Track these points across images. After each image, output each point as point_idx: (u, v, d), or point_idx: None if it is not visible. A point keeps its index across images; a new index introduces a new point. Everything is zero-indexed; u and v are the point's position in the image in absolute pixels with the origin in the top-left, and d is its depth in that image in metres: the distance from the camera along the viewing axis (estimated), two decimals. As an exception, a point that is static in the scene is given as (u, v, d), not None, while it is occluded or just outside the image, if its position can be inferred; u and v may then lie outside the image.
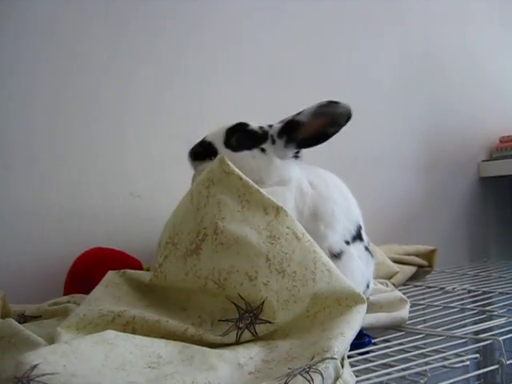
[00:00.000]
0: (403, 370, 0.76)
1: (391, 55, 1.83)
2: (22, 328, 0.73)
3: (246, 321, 0.73)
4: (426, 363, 0.79)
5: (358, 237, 0.98)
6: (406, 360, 0.80)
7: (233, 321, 0.74)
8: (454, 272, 1.59)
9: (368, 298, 0.97)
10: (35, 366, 0.54)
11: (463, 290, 1.30)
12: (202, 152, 0.97)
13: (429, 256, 1.50)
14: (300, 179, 0.95)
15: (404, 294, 1.12)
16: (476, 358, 0.83)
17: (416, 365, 0.78)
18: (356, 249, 0.96)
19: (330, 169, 1.03)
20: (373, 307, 0.98)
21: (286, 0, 1.57)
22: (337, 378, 0.60)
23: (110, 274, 0.85)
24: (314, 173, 0.98)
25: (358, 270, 0.95)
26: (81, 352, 0.61)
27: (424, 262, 1.48)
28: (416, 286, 1.37)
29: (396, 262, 1.40)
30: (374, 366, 0.77)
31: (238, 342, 0.72)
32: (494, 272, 1.58)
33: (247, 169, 0.87)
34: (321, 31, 1.65)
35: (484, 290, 1.29)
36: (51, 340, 0.69)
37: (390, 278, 1.31)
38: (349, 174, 1.02)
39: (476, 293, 1.27)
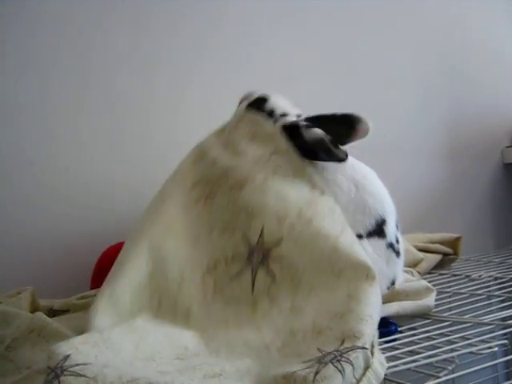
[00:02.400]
0: (430, 357, 0.75)
1: (410, 41, 1.81)
2: (51, 321, 0.75)
3: (257, 258, 0.77)
4: (453, 350, 0.78)
5: (376, 233, 0.94)
6: (433, 347, 0.79)
7: (245, 259, 0.78)
8: (480, 260, 1.57)
9: (394, 287, 0.97)
10: (68, 357, 0.55)
11: (489, 277, 1.29)
12: None
13: (454, 244, 1.48)
14: None
15: (429, 282, 1.11)
16: (504, 345, 0.82)
17: (443, 352, 0.77)
18: (372, 245, 0.93)
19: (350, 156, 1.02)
20: (399, 296, 0.97)
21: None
22: (366, 367, 0.60)
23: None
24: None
25: (374, 266, 0.92)
26: (112, 342, 0.62)
27: (449, 250, 1.46)
28: (441, 274, 1.36)
29: (421, 250, 1.39)
30: (400, 353, 0.77)
31: (253, 286, 0.75)
32: (520, 259, 1.56)
33: None
34: (337, 23, 1.65)
35: (511, 276, 1.27)
36: (80, 333, 0.70)
37: (415, 265, 1.30)
38: (370, 163, 1.02)
39: (503, 280, 1.26)
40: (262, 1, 1.50)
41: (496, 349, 0.79)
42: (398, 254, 0.98)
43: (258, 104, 1.00)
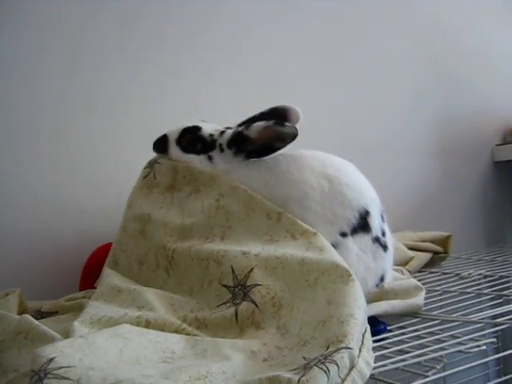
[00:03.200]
0: (418, 356, 0.75)
1: (402, 40, 1.82)
2: (37, 323, 0.74)
3: (239, 296, 0.77)
4: (442, 349, 0.78)
5: (361, 227, 0.93)
6: (422, 346, 0.80)
7: (229, 301, 0.78)
8: (470, 258, 1.58)
9: (383, 286, 0.97)
10: (52, 360, 0.55)
11: (479, 275, 1.29)
12: (158, 144, 1.04)
13: (444, 242, 1.48)
14: (246, 172, 0.97)
15: (419, 280, 1.11)
16: (493, 343, 0.82)
17: (431, 350, 0.78)
18: (357, 242, 0.92)
19: (343, 155, 1.02)
20: (388, 295, 0.97)
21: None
22: (351, 367, 0.60)
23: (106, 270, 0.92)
24: (286, 160, 0.97)
25: (360, 265, 0.92)
26: (96, 346, 0.62)
27: (439, 249, 1.47)
28: (431, 273, 1.36)
29: (411, 248, 1.39)
30: (389, 352, 0.77)
31: (236, 315, 0.75)
32: (510, 257, 1.56)
33: None
34: (332, 27, 1.66)
35: (501, 274, 1.27)
36: (67, 335, 0.70)
37: (405, 263, 1.30)
38: (362, 161, 1.02)
39: (492, 278, 1.26)
40: (255, 0, 1.50)
41: (484, 347, 0.79)
42: (384, 247, 0.97)
43: (190, 139, 1.01)
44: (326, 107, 1.60)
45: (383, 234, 0.97)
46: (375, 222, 0.96)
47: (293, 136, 0.94)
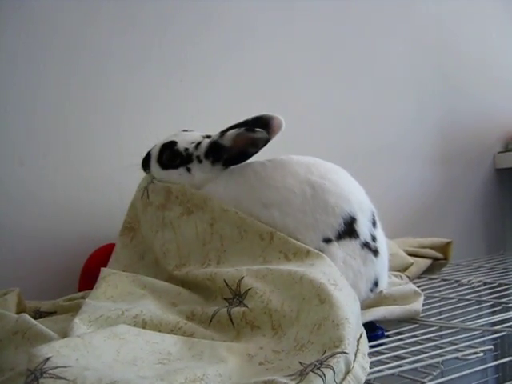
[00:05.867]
0: (415, 362, 0.75)
1: (405, 47, 1.82)
2: (35, 323, 0.74)
3: (235, 304, 0.79)
4: (439, 355, 0.78)
5: (347, 233, 0.93)
6: (419, 352, 0.79)
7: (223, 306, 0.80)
8: (470, 265, 1.58)
9: (381, 292, 0.97)
10: (48, 359, 0.55)
11: (479, 282, 1.29)
12: (143, 163, 1.06)
13: (444, 249, 1.48)
14: (228, 179, 0.99)
15: (419, 286, 1.11)
16: (490, 350, 0.82)
17: (428, 357, 0.77)
18: (344, 247, 0.92)
19: (345, 162, 1.02)
20: (386, 300, 0.97)
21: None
22: (347, 372, 0.60)
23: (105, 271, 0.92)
24: (272, 165, 0.98)
25: (348, 270, 0.91)
26: (93, 346, 0.62)
27: (439, 255, 1.47)
28: (431, 279, 1.36)
29: (411, 254, 1.39)
30: (386, 358, 0.77)
31: (231, 319, 0.76)
32: (510, 264, 1.56)
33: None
34: (330, 21, 1.66)
35: (500, 282, 1.27)
36: (65, 335, 0.70)
37: (404, 269, 1.30)
38: (364, 168, 1.02)
39: (492, 285, 1.26)
40: (258, 2, 1.51)
41: (481, 354, 0.79)
42: (375, 252, 0.96)
43: (169, 155, 1.02)
44: (328, 113, 1.61)
45: (373, 239, 0.96)
46: (362, 227, 0.95)
47: (264, 141, 0.96)
